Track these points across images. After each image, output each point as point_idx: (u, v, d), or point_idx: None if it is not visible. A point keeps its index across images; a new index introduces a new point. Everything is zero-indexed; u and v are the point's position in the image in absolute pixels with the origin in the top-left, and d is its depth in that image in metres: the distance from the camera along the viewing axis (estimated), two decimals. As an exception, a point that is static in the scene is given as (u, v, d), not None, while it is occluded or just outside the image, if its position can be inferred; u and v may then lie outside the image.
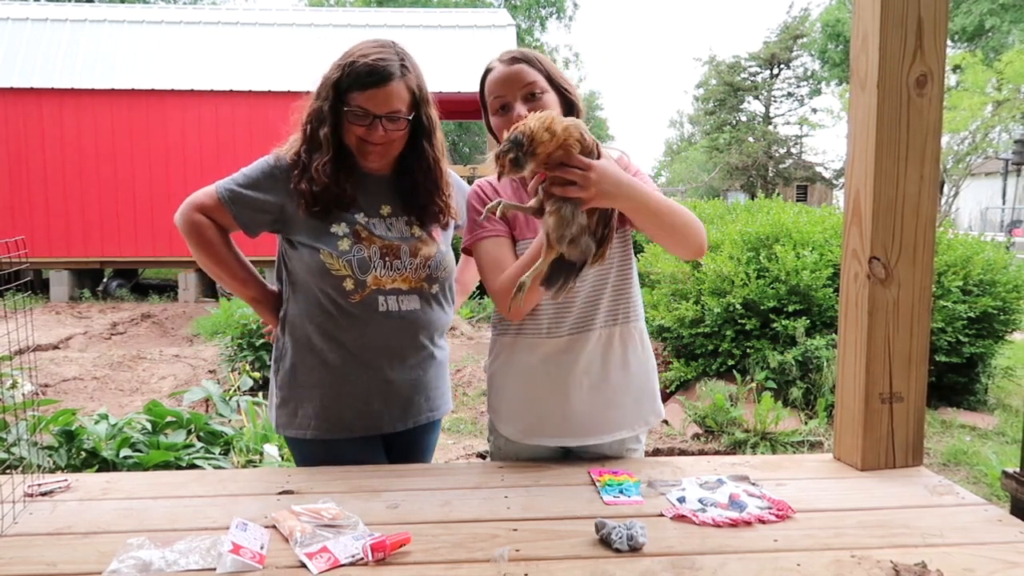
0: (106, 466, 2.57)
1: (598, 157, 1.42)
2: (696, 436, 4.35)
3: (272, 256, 1.79)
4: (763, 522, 1.35)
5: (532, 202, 1.45)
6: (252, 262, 1.81)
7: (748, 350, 4.88)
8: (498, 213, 1.45)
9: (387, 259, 1.70)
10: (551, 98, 1.62)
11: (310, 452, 1.74)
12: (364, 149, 1.69)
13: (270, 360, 1.85)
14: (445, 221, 1.82)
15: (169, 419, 2.87)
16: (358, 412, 1.72)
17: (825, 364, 4.55)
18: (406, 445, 1.83)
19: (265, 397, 2.96)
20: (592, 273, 1.63)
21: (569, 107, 1.67)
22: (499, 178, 1.42)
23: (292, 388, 1.73)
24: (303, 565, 1.18)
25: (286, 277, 1.76)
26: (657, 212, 1.48)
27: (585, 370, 1.66)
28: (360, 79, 1.62)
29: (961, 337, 4.72)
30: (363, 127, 1.65)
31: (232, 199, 1.69)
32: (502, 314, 1.65)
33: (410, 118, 1.68)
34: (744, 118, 30.14)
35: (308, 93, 1.74)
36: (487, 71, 1.67)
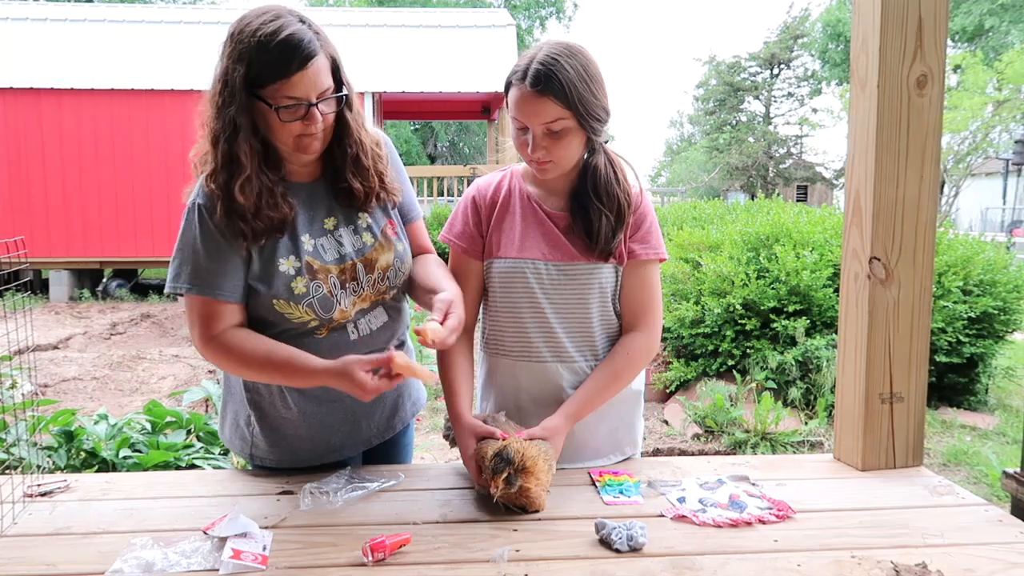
0: (106, 466, 2.56)
1: None
2: (696, 436, 4.35)
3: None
4: (763, 522, 1.35)
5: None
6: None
7: (748, 350, 4.88)
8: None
9: (347, 286, 1.51)
10: (574, 138, 1.47)
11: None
12: (303, 143, 1.42)
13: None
14: (392, 201, 1.60)
15: (169, 419, 2.87)
16: (346, 434, 1.61)
17: (825, 364, 4.55)
18: (384, 451, 1.73)
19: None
20: (576, 294, 1.58)
21: (592, 147, 1.54)
22: (494, 499, 1.35)
23: (268, 433, 1.59)
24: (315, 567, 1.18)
25: None
26: (608, 397, 1.59)
27: (565, 397, 1.59)
28: (279, 65, 1.33)
29: (961, 337, 4.72)
30: (299, 120, 1.38)
31: (214, 288, 1.42)
32: None
33: (344, 95, 1.44)
34: (744, 118, 30.13)
35: (199, 93, 1.44)
36: (511, 82, 1.47)
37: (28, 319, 1.45)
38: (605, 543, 1.25)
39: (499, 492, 1.33)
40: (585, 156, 1.56)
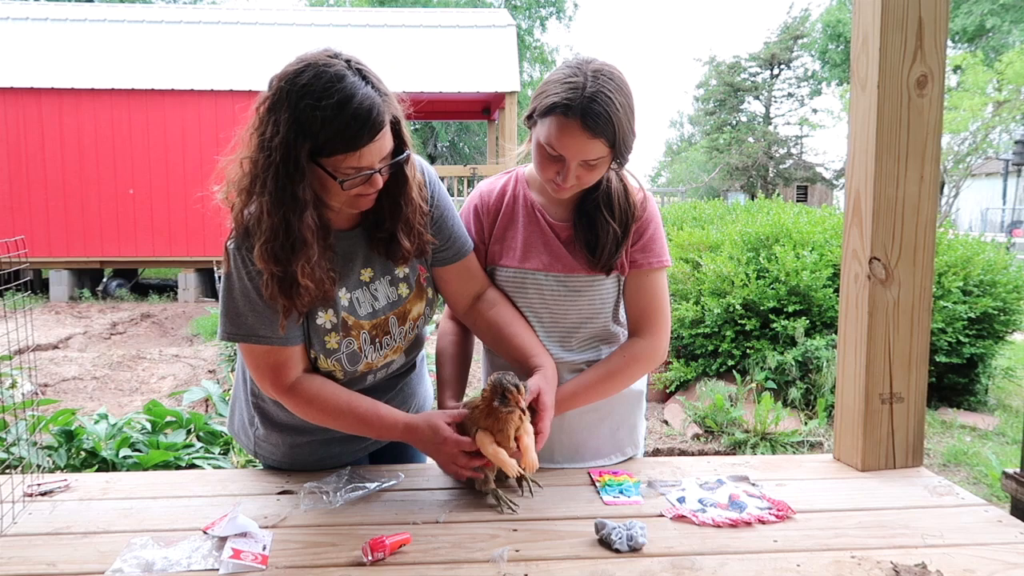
0: (106, 466, 2.56)
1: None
2: (696, 436, 4.34)
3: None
4: (763, 522, 1.35)
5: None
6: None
7: (748, 350, 4.88)
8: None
9: (377, 341, 1.49)
10: (605, 167, 1.46)
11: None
12: (358, 202, 1.38)
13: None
14: (429, 250, 1.54)
15: (169, 419, 2.87)
16: (346, 440, 1.61)
17: (825, 364, 4.55)
18: (396, 451, 1.75)
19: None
20: (577, 305, 1.59)
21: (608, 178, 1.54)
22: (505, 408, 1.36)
23: (271, 437, 1.61)
24: (307, 566, 1.18)
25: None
26: (599, 396, 1.59)
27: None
28: (347, 139, 1.25)
29: (961, 338, 4.72)
30: (361, 184, 1.33)
31: (276, 336, 1.38)
32: None
33: (406, 154, 1.38)
34: (744, 118, 30.12)
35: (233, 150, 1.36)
36: (554, 111, 1.38)
37: (28, 319, 1.45)
38: (605, 543, 1.25)
39: (523, 399, 1.33)
40: None
